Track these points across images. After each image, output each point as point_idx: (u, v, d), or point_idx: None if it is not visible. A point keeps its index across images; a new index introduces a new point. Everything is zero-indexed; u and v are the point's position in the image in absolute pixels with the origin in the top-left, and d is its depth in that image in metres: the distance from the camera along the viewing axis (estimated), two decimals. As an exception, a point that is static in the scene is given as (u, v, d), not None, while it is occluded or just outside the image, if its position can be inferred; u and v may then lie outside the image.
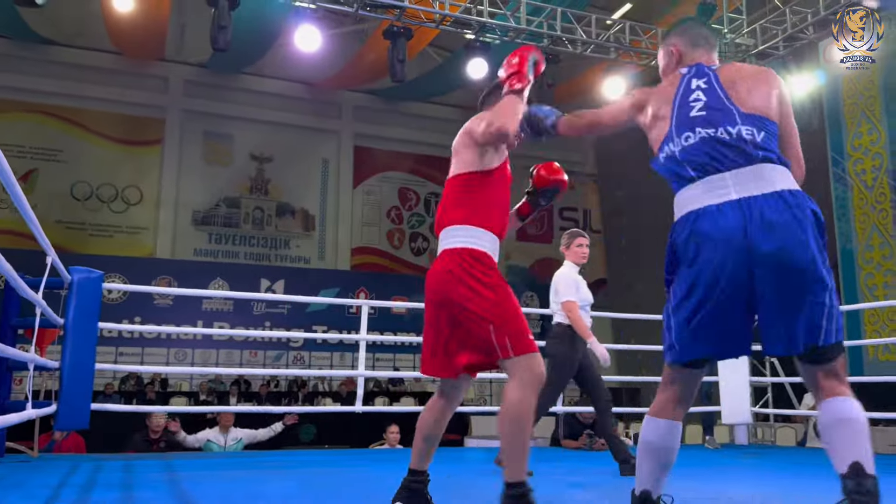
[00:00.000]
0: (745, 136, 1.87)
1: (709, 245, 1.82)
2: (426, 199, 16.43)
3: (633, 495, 1.95)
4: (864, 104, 9.88)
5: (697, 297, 1.84)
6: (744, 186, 1.82)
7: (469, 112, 2.38)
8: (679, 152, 1.92)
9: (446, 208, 2.40)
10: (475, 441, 8.38)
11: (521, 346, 2.15)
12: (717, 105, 1.93)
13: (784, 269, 1.76)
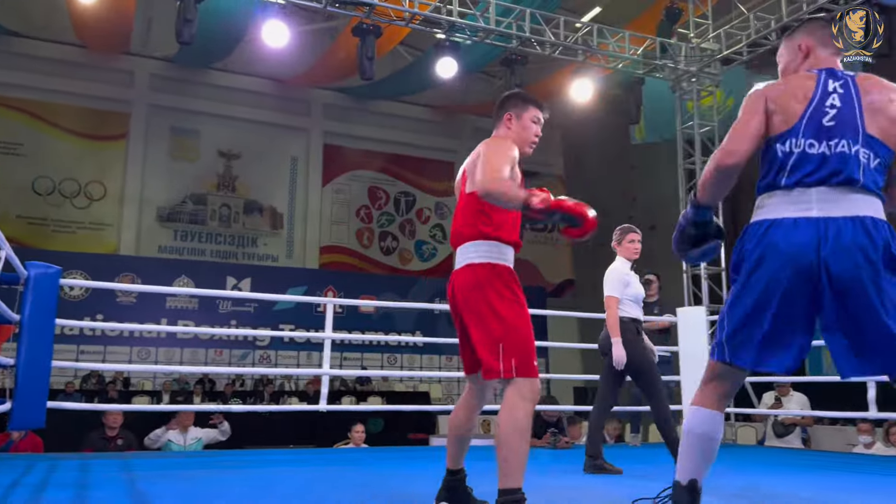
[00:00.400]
0: (861, 157, 1.85)
1: (775, 257, 1.83)
2: (396, 198, 16.40)
3: (677, 485, 1.96)
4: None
5: (753, 306, 1.86)
6: (827, 206, 1.82)
7: (439, 112, 2.38)
8: (797, 156, 1.88)
9: (465, 223, 2.45)
10: (441, 440, 8.38)
11: (524, 370, 2.25)
12: (849, 118, 1.88)
13: (851, 294, 1.77)
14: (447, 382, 14.14)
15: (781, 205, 1.87)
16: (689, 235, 2.08)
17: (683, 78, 9.60)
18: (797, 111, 1.90)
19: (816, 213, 1.82)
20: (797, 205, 1.85)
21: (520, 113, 2.60)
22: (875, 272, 1.77)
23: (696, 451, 1.94)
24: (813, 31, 2.09)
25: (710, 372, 1.97)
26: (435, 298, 13.58)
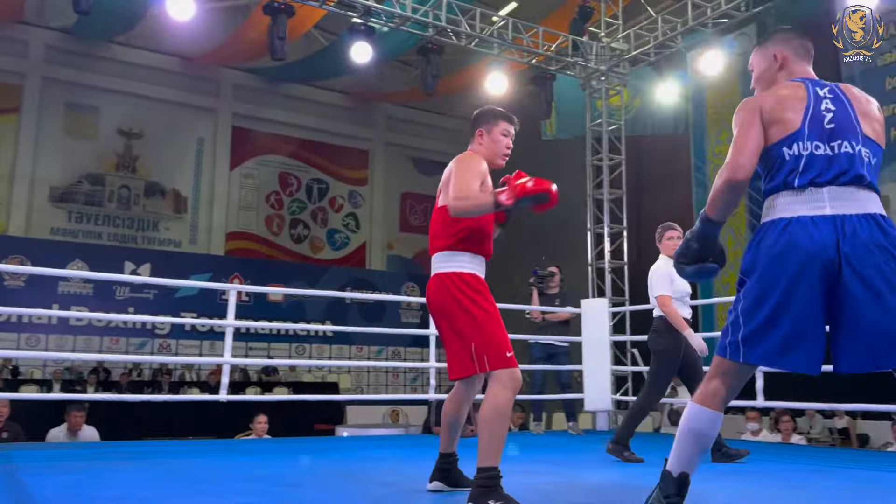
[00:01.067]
0: (864, 157, 1.94)
1: (798, 255, 1.86)
2: (308, 185, 16.08)
3: (668, 475, 2.00)
4: (725, 114, 10.55)
5: (778, 306, 1.87)
6: (839, 204, 1.88)
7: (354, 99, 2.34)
8: (806, 158, 1.93)
9: (437, 234, 2.68)
10: (348, 430, 8.31)
11: (499, 362, 2.46)
12: (846, 120, 1.97)
13: (873, 289, 1.82)
14: (357, 373, 14.04)
15: (795, 204, 1.92)
16: (692, 250, 2.11)
17: (593, 76, 9.83)
18: (797, 117, 1.96)
19: (830, 211, 1.88)
20: (811, 204, 1.90)
21: (490, 128, 2.79)
22: (891, 266, 1.83)
23: (693, 447, 1.98)
24: (787, 41, 2.18)
25: (720, 368, 1.99)
26: (346, 287, 13.52)
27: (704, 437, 1.98)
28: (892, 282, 1.83)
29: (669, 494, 1.98)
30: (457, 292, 2.54)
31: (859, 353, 1.86)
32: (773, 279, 1.88)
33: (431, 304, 2.65)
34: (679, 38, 9.10)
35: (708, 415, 1.97)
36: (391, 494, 2.85)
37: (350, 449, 4.91)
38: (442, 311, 2.58)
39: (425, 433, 6.36)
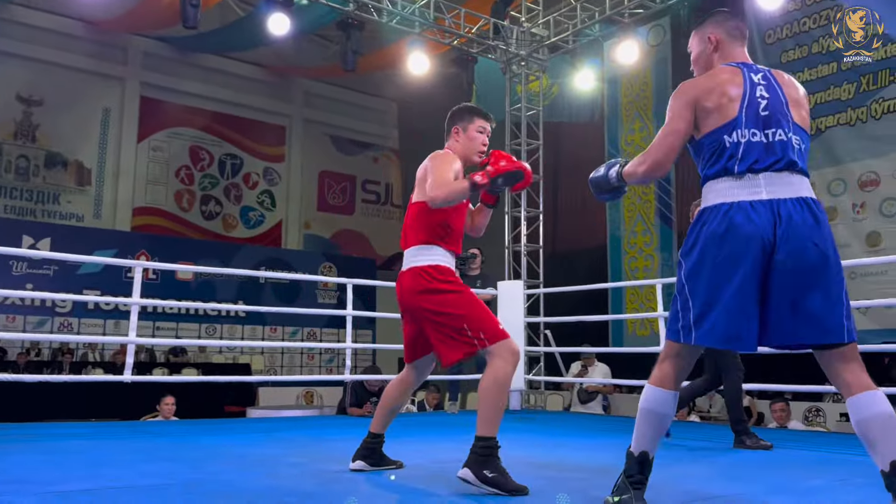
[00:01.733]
0: (794, 143, 2.04)
1: (738, 238, 1.95)
2: (221, 160, 15.59)
3: (630, 455, 2.09)
4: (639, 104, 10.87)
5: (721, 287, 1.96)
6: (775, 189, 1.98)
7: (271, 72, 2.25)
8: (744, 145, 2.01)
9: (409, 230, 2.77)
10: (259, 412, 8.16)
11: (493, 336, 2.53)
12: (778, 108, 2.06)
13: (807, 269, 1.93)
14: (270, 353, 13.78)
15: (734, 189, 2.01)
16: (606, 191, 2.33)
17: (514, 61, 9.92)
18: (734, 104, 2.05)
19: (767, 196, 1.98)
20: (748, 189, 1.99)
21: (466, 125, 2.84)
22: (823, 247, 1.95)
23: (651, 427, 2.07)
24: (721, 23, 2.24)
25: (672, 351, 2.08)
26: (260, 267, 13.22)
27: (661, 416, 2.06)
28: (819, 262, 1.94)
29: (632, 474, 2.07)
30: (437, 282, 2.63)
31: (786, 329, 1.97)
32: (717, 262, 1.98)
33: (406, 296, 2.69)
34: (597, 27, 9.28)
35: (663, 395, 2.06)
36: (299, 475, 2.82)
37: (260, 430, 4.82)
38: (422, 301, 2.62)
39: (340, 414, 6.32)
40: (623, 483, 2.08)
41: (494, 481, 2.34)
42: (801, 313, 1.95)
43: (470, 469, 2.39)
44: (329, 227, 16.64)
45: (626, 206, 10.96)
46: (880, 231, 8.10)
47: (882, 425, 1.84)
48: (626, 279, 10.52)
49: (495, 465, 2.38)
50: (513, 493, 2.33)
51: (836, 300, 1.95)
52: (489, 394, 2.47)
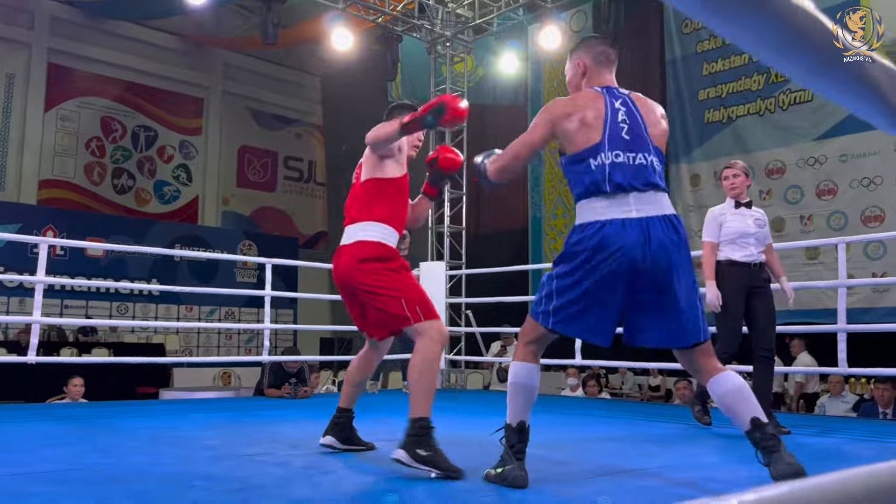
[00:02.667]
0: (656, 166, 2.23)
1: (611, 251, 2.13)
2: (134, 132, 14.93)
3: (509, 427, 2.28)
4: (561, 89, 11.01)
5: (588, 290, 2.15)
6: (643, 207, 2.16)
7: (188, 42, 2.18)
8: (609, 166, 2.17)
9: (352, 207, 2.82)
10: (173, 393, 7.96)
11: (427, 314, 2.59)
12: (638, 132, 2.24)
13: (672, 281, 2.14)
14: (185, 334, 13.41)
15: (607, 207, 2.18)
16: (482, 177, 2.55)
17: (439, 41, 9.89)
18: (598, 130, 2.22)
19: (636, 214, 2.16)
20: (620, 207, 2.16)
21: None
22: (680, 260, 2.16)
23: (522, 398, 2.28)
24: (589, 49, 2.42)
25: (532, 333, 2.30)
26: (176, 244, 12.80)
27: (530, 388, 2.28)
28: (680, 273, 2.16)
29: (514, 443, 2.25)
30: (375, 257, 2.67)
31: (654, 332, 2.22)
32: (588, 271, 2.16)
33: (343, 271, 2.72)
34: (521, 11, 9.34)
35: (526, 368, 2.28)
36: (212, 458, 2.78)
37: (174, 412, 4.71)
38: (361, 276, 2.65)
39: (257, 395, 6.23)
40: (507, 454, 2.25)
41: (428, 460, 2.38)
42: (671, 321, 2.18)
43: (404, 450, 2.42)
44: (249, 204, 16.24)
45: (546, 188, 11.15)
46: (784, 217, 8.54)
47: (736, 395, 2.13)
48: (547, 260, 10.72)
49: (429, 445, 2.42)
50: (446, 471, 2.37)
51: (696, 307, 2.21)
52: (419, 375, 2.51)
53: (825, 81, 0.45)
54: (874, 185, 7.87)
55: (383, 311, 2.63)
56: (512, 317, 9.23)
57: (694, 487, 2.32)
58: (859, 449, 3.31)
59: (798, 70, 0.43)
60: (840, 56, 0.43)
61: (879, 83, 0.47)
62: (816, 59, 0.41)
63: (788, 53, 0.39)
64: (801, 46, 0.38)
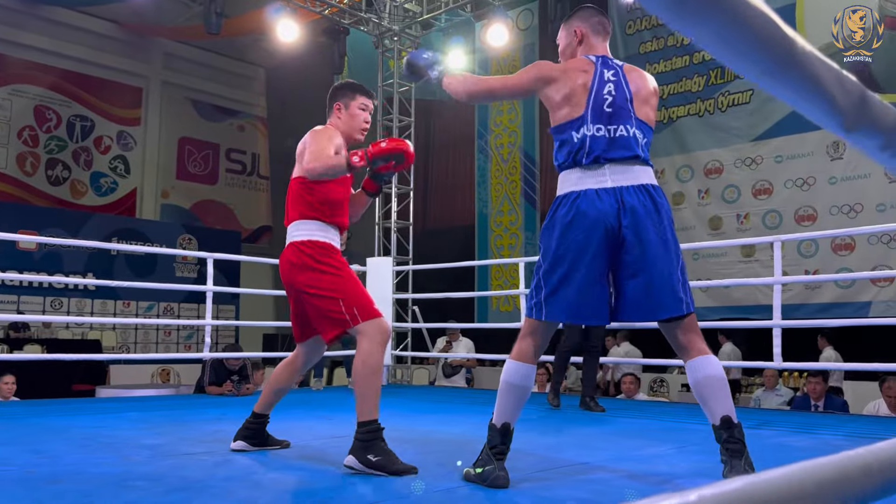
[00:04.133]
0: (638, 137, 2.20)
1: (585, 223, 2.10)
2: (70, 121, 14.41)
3: (493, 427, 2.19)
4: (508, 85, 11.09)
5: (570, 267, 2.11)
6: (618, 177, 2.14)
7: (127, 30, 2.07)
8: (589, 139, 2.16)
9: (290, 205, 2.75)
10: (110, 391, 7.73)
11: (366, 314, 2.52)
12: (623, 105, 2.21)
13: (647, 249, 2.09)
14: (123, 329, 13.03)
15: (583, 178, 2.16)
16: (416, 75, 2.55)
17: (386, 35, 9.83)
18: (581, 102, 2.20)
19: (611, 184, 2.14)
20: (595, 178, 2.15)
21: (347, 102, 2.80)
22: (656, 229, 2.12)
23: (512, 399, 2.18)
24: (587, 18, 2.39)
25: (529, 328, 2.22)
26: (113, 237, 12.40)
27: (522, 389, 2.19)
28: (658, 243, 2.12)
29: (495, 444, 2.17)
30: (314, 257, 2.61)
31: (634, 306, 2.15)
32: (566, 246, 2.13)
33: (286, 271, 2.67)
34: (468, 7, 9.37)
35: (524, 369, 2.19)
36: (151, 458, 2.70)
37: (111, 411, 4.57)
38: (300, 276, 2.60)
39: (198, 393, 6.10)
40: (486, 454, 2.17)
41: (379, 464, 2.34)
42: (646, 291, 2.13)
43: (354, 456, 2.37)
44: (189, 197, 15.86)
45: (493, 185, 11.22)
46: (721, 216, 8.79)
47: (713, 386, 2.07)
48: (493, 256, 10.81)
49: (379, 448, 2.37)
50: (398, 473, 2.32)
51: (675, 278, 2.14)
52: (364, 378, 2.46)
53: (779, 83, 0.46)
54: (807, 185, 8.17)
55: (321, 312, 2.58)
56: (458, 312, 9.28)
57: (639, 480, 2.37)
58: (795, 441, 3.43)
59: (755, 71, 0.44)
60: (793, 59, 0.44)
61: (828, 86, 0.49)
62: (772, 62, 0.42)
63: (747, 55, 0.40)
64: (758, 49, 0.39)
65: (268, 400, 2.88)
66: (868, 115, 0.55)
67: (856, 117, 0.53)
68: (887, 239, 7.52)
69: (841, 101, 0.50)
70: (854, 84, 0.53)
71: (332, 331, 2.59)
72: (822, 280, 7.58)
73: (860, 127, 0.55)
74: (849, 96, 0.51)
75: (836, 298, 7.81)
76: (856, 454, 0.59)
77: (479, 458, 2.20)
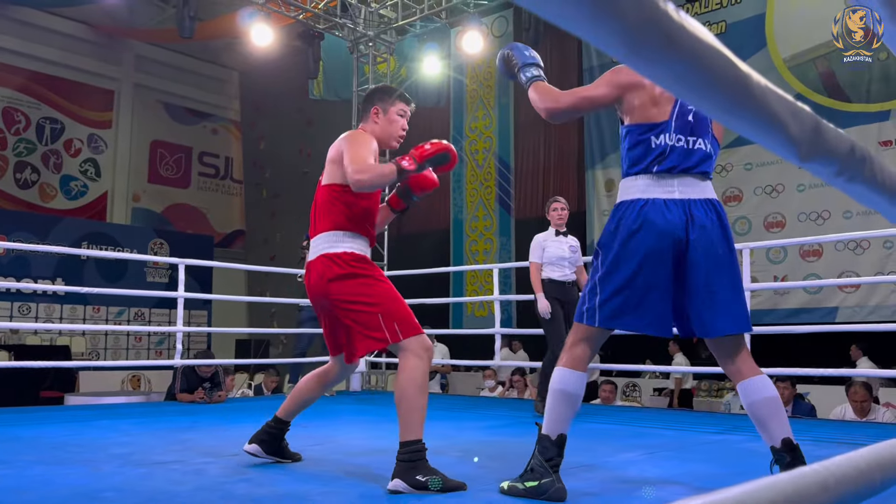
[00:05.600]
0: (710, 151, 2.19)
1: (653, 232, 2.07)
2: (39, 124, 14.19)
3: (547, 438, 2.11)
4: (482, 92, 11.17)
5: (632, 274, 2.06)
6: (686, 190, 2.12)
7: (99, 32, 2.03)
8: (669, 149, 2.12)
9: (320, 215, 2.58)
10: (80, 398, 7.61)
11: (408, 330, 2.40)
12: (703, 117, 2.18)
13: (715, 264, 2.08)
14: (93, 336, 12.84)
15: (650, 187, 2.13)
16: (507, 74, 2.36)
17: (361, 41, 9.83)
18: (667, 108, 2.15)
19: (679, 196, 2.12)
20: (663, 188, 2.12)
21: (386, 107, 2.66)
22: (723, 244, 2.11)
23: (566, 408, 2.12)
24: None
25: (580, 335, 2.16)
26: (83, 242, 12.22)
27: (574, 397, 2.14)
28: (725, 257, 2.12)
29: (552, 456, 2.11)
30: (350, 268, 2.48)
31: (705, 320, 2.11)
32: (630, 253, 2.09)
33: (316, 286, 2.53)
34: (444, 14, 9.40)
35: (576, 377, 2.14)
36: (121, 467, 2.67)
37: (80, 419, 4.50)
38: (333, 289, 2.46)
39: (169, 400, 6.03)
40: (541, 467, 2.10)
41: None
42: (715, 305, 2.10)
43: (400, 478, 2.25)
44: (161, 201, 15.68)
45: (468, 191, 11.26)
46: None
47: (771, 407, 2.06)
48: (468, 262, 10.84)
49: (426, 468, 2.27)
50: (452, 490, 2.23)
51: (741, 294, 2.15)
52: (410, 396, 2.34)
53: (736, 118, 0.48)
54: (776, 192, 8.32)
55: (358, 327, 2.45)
56: (433, 317, 9.27)
57: (609, 486, 2.39)
58: (763, 447, 3.48)
59: (712, 109, 0.46)
60: (749, 96, 0.46)
61: (783, 119, 0.51)
62: (728, 100, 0.44)
63: (704, 94, 0.41)
64: (715, 88, 0.41)
65: (293, 408, 2.77)
66: (822, 144, 0.57)
67: (810, 147, 0.55)
68: (853, 245, 7.67)
69: (795, 133, 0.52)
70: (808, 115, 0.55)
71: (368, 347, 2.48)
72: (791, 287, 7.71)
73: (814, 156, 0.57)
74: (803, 127, 0.53)
75: (805, 304, 7.95)
76: (812, 470, 0.61)
77: (530, 470, 2.12)
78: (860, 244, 7.62)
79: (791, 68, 8.15)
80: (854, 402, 5.26)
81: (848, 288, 7.64)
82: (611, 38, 0.36)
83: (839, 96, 7.90)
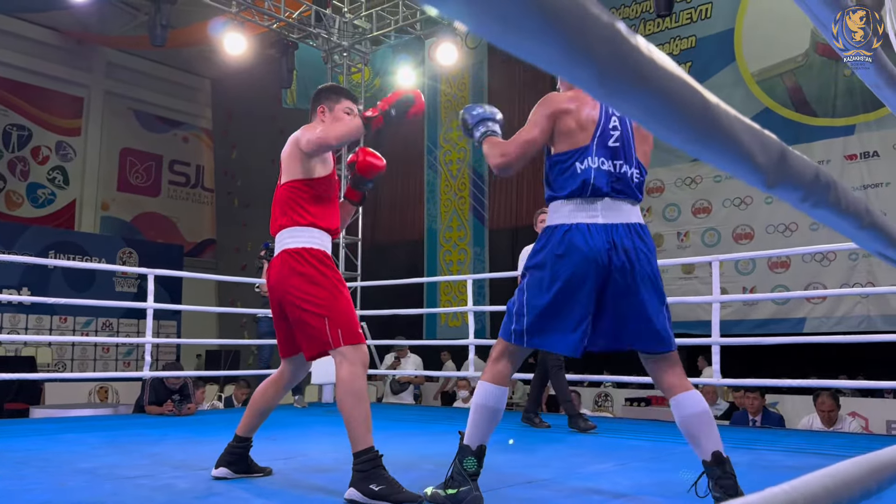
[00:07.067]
0: (634, 178, 2.23)
1: (577, 257, 2.11)
2: (6, 130, 13.94)
3: (466, 448, 2.18)
4: (457, 103, 11.21)
5: (556, 299, 2.11)
6: (609, 214, 2.16)
7: (68, 38, 2.02)
8: (594, 172, 2.16)
9: (279, 212, 2.60)
10: (45, 411, 7.45)
11: (350, 337, 2.42)
12: (626, 143, 2.23)
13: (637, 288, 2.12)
14: (59, 346, 12.59)
15: (574, 212, 2.17)
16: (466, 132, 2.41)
17: (335, 51, 9.82)
18: (588, 132, 2.19)
19: (602, 220, 2.16)
20: (587, 212, 2.17)
21: (332, 105, 2.69)
22: (645, 267, 2.16)
23: (485, 422, 2.19)
24: None
25: (503, 350, 2.23)
26: (50, 251, 11.99)
27: (496, 411, 2.20)
28: (648, 280, 2.16)
29: (472, 467, 2.17)
30: (307, 267, 2.48)
31: (624, 338, 2.19)
32: (554, 277, 2.14)
33: (275, 282, 2.54)
34: (418, 26, 9.43)
35: (499, 391, 2.20)
36: (89, 482, 2.62)
37: (46, 432, 4.42)
38: (290, 286, 2.48)
39: (137, 412, 5.94)
40: (460, 475, 2.16)
41: (382, 494, 2.25)
42: (640, 326, 2.16)
43: (355, 488, 2.28)
44: (130, 210, 15.47)
45: (442, 201, 11.28)
46: (662, 234, 9.01)
47: (701, 423, 2.10)
48: (442, 272, 10.84)
49: (380, 477, 2.28)
50: (405, 502, 2.24)
51: (664, 316, 2.20)
52: (351, 406, 2.36)
53: (704, 148, 0.49)
54: (745, 204, 8.45)
55: (304, 328, 2.47)
56: (407, 327, 9.27)
57: (581, 498, 2.40)
58: (734, 457, 3.53)
59: (680, 140, 0.47)
60: (716, 127, 0.47)
61: (750, 148, 0.52)
62: (696, 131, 0.45)
63: (671, 126, 0.42)
64: (682, 120, 0.42)
65: (252, 422, 2.74)
66: (788, 171, 0.59)
67: (776, 174, 0.57)
68: (820, 257, 7.82)
69: (762, 161, 0.54)
70: (774, 144, 0.56)
71: (313, 350, 2.50)
72: (759, 298, 7.83)
73: (780, 184, 0.59)
74: (769, 155, 0.55)
75: (773, 315, 8.07)
76: (781, 490, 0.62)
77: (450, 478, 2.18)
78: (826, 256, 7.77)
79: (759, 82, 8.31)
80: (822, 412, 5.35)
81: (815, 299, 7.78)
82: (583, 73, 0.36)
83: (806, 110, 8.07)
